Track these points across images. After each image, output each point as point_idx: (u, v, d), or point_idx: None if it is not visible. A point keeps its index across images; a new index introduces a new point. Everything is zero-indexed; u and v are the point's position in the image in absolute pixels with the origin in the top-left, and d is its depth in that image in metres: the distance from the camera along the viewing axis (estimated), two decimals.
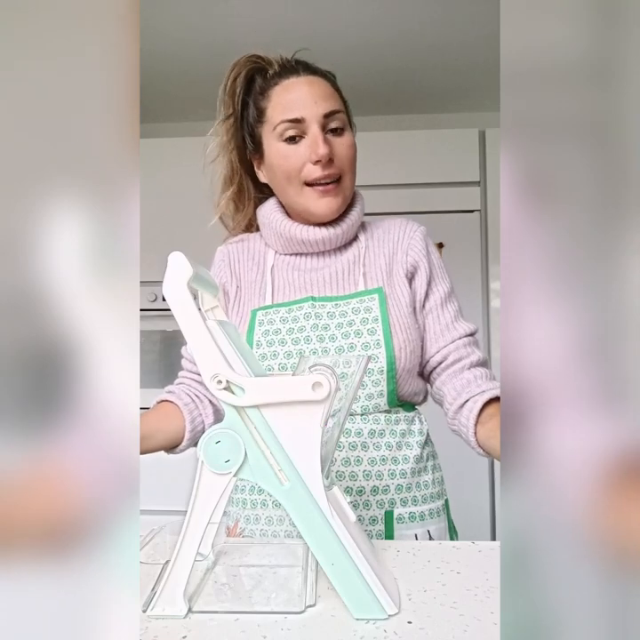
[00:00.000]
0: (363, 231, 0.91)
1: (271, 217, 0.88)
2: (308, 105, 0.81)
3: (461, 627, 0.44)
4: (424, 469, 0.83)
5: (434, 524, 0.81)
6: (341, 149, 0.82)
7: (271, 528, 0.79)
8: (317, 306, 0.82)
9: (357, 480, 0.78)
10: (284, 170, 0.83)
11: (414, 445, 0.82)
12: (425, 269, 0.86)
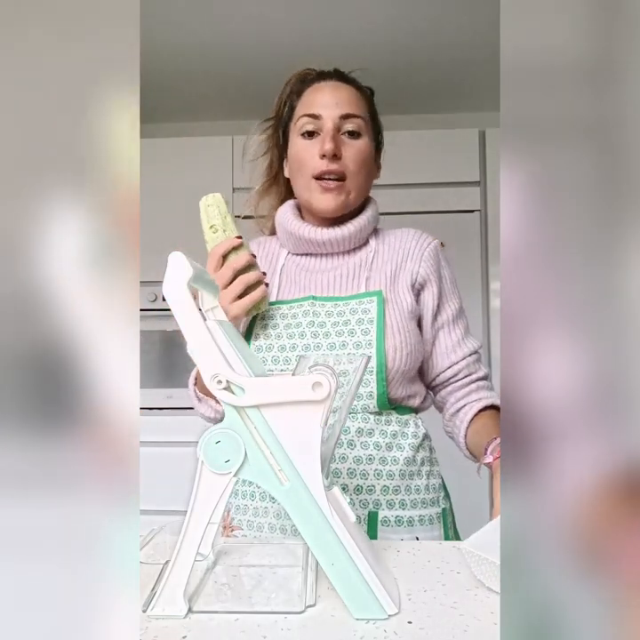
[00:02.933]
0: (375, 237, 0.94)
1: (284, 217, 0.92)
2: (329, 105, 0.86)
3: (461, 627, 0.44)
4: (417, 473, 0.82)
5: (424, 532, 0.79)
6: (351, 151, 0.86)
7: (257, 519, 0.80)
8: (317, 305, 0.84)
9: (340, 477, 0.78)
10: (297, 161, 0.88)
11: (406, 447, 0.81)
12: (435, 285, 0.88)
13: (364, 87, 0.93)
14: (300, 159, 0.87)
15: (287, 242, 0.93)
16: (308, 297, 0.86)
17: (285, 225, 0.91)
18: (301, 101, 0.90)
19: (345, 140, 0.86)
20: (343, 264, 0.89)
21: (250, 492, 0.82)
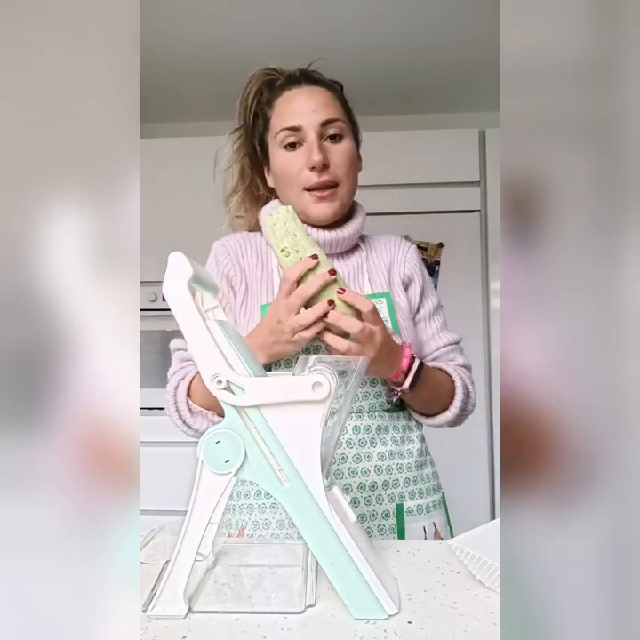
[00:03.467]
0: (362, 242, 0.95)
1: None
2: (306, 113, 0.84)
3: (461, 627, 0.44)
4: (425, 463, 0.87)
5: (437, 517, 0.84)
6: (337, 156, 0.85)
7: (283, 531, 0.79)
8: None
9: (369, 476, 0.80)
10: (284, 175, 0.86)
11: (415, 439, 0.86)
12: (419, 282, 0.93)
13: (333, 83, 0.91)
14: (286, 172, 0.86)
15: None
16: None
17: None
18: (275, 112, 0.88)
19: (328, 145, 0.85)
20: (342, 265, 0.90)
21: (270, 504, 0.81)
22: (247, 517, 0.82)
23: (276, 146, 0.87)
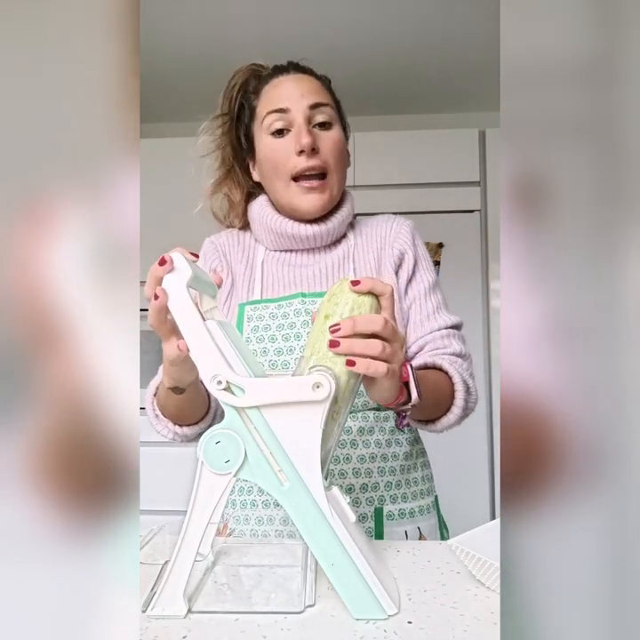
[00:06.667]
0: (351, 229, 0.92)
1: (262, 212, 0.88)
2: (293, 97, 0.82)
3: (461, 627, 0.44)
4: (413, 467, 0.83)
5: (424, 521, 0.81)
6: (327, 143, 0.82)
7: (261, 528, 0.79)
8: (307, 302, 0.82)
9: (347, 478, 0.78)
10: (271, 163, 0.83)
11: (404, 442, 0.82)
12: (411, 257, 0.86)
13: (321, 76, 0.89)
14: (273, 160, 0.83)
15: (266, 238, 0.88)
16: (296, 294, 0.83)
17: (265, 221, 0.87)
18: (262, 99, 0.85)
19: (317, 132, 0.82)
20: (326, 258, 0.87)
21: (250, 500, 0.81)
22: (230, 512, 0.82)
23: (263, 133, 0.84)
